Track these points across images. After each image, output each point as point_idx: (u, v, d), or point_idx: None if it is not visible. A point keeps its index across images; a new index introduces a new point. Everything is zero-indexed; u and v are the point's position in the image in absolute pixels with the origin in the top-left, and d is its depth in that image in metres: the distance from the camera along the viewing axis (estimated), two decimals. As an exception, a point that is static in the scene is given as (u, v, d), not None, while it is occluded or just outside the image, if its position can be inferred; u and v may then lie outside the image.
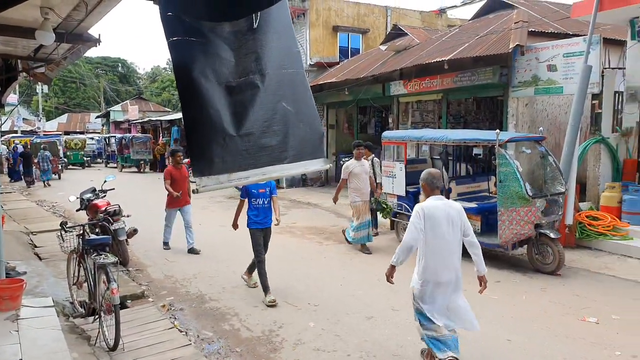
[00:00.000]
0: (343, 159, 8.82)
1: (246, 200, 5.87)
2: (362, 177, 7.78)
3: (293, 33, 3.33)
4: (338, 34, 17.94)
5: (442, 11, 18.73)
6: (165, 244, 8.14)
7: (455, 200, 7.65)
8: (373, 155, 8.85)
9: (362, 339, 4.69)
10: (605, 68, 8.86)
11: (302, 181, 16.29)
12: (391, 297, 5.65)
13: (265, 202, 5.82)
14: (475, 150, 8.68)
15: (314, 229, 9.70)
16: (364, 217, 7.82)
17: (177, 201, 7.90)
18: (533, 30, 10.37)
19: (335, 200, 8.05)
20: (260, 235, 5.83)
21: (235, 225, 6.06)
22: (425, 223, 3.66)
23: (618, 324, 4.95)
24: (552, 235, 6.49)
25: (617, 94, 8.92)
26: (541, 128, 7.92)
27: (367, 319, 5.16)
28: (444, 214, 3.69)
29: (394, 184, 8.50)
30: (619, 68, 9.11)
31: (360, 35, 18.65)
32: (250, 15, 2.98)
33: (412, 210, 3.96)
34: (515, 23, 10.60)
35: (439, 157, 8.87)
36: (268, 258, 5.94)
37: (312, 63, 17.00)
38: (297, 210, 12.15)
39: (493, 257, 7.48)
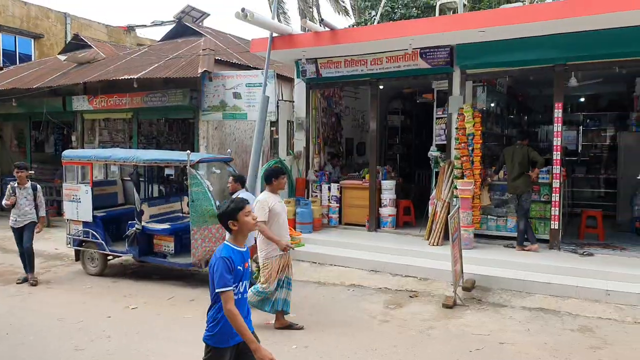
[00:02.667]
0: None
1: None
2: (283, 219, 5.41)
3: None
4: (1, 34, 15.11)
5: (130, 28, 18.12)
6: None
7: (148, 222, 7.37)
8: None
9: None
10: (280, 100, 10.23)
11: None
12: None
13: None
14: (168, 171, 8.61)
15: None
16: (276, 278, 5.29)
17: None
18: (220, 59, 11.11)
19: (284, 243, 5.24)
20: None
21: None
22: None
23: (294, 322, 5.64)
24: (242, 249, 6.95)
25: (289, 123, 10.41)
26: (229, 150, 8.50)
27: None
28: None
29: (79, 209, 7.59)
30: (290, 101, 10.67)
31: (32, 40, 16.21)
32: None
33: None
34: (203, 50, 11.14)
35: (129, 179, 8.40)
36: None
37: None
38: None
39: (187, 277, 7.51)
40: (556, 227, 7.69)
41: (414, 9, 13.83)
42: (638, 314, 5.66)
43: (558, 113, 7.64)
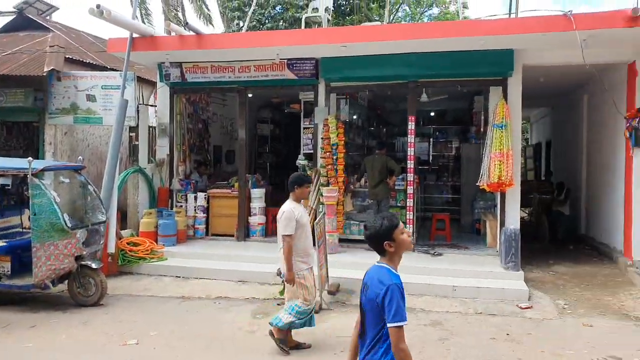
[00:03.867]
0: None
1: None
2: (308, 230, 4.98)
3: None
4: None
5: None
6: None
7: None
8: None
9: None
10: (140, 104, 9.60)
11: None
12: None
13: None
14: (3, 181, 7.50)
15: None
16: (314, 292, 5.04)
17: None
18: (71, 57, 10.09)
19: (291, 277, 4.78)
20: None
21: None
22: None
23: (155, 339, 5.27)
24: (93, 265, 6.33)
25: (151, 128, 9.82)
26: (81, 157, 7.70)
27: None
28: None
29: None
30: (152, 105, 10.09)
31: None
32: None
33: None
34: (50, 46, 10.02)
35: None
36: None
37: None
38: None
39: (28, 300, 6.62)
40: (411, 230, 8.34)
41: (282, 21, 14.09)
42: (478, 305, 6.35)
43: (411, 126, 8.32)
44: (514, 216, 7.74)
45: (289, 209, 4.77)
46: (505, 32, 7.02)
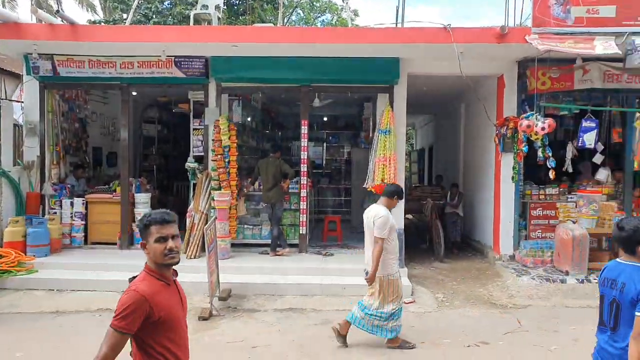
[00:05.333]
0: None
1: None
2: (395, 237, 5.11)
3: None
4: None
5: None
6: None
7: None
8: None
9: None
10: (3, 99, 8.53)
11: None
12: None
13: None
14: None
15: None
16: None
17: None
18: None
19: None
20: None
21: None
22: None
23: (20, 363, 4.69)
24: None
25: (17, 127, 8.77)
26: None
27: None
28: None
29: None
30: (18, 101, 9.02)
31: None
32: None
33: None
34: None
35: None
36: None
37: None
38: None
39: None
40: (304, 232, 8.40)
41: (170, 17, 13.47)
42: (367, 302, 6.57)
43: (304, 130, 8.39)
44: (399, 217, 8.13)
45: (387, 214, 4.94)
46: (391, 41, 7.38)
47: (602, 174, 8.49)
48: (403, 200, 8.18)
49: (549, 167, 7.43)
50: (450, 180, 11.19)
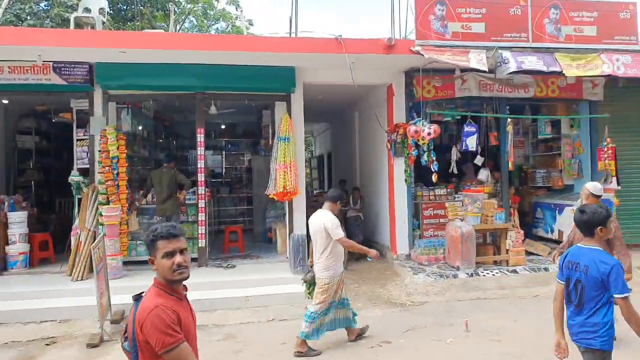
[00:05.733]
0: None
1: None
2: None
3: None
4: None
5: None
6: None
7: None
8: None
9: None
10: None
11: None
12: None
13: None
14: None
15: None
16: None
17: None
18: None
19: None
20: None
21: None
22: None
23: None
24: None
25: None
26: None
27: None
28: None
29: None
30: None
31: None
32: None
33: None
34: None
35: None
36: None
37: None
38: None
39: None
40: (203, 245, 8.11)
41: (48, 19, 12.34)
42: (270, 313, 6.50)
43: (200, 138, 8.13)
44: (301, 223, 8.20)
45: (335, 217, 5.20)
46: (285, 50, 7.43)
47: (483, 174, 9.29)
48: (304, 207, 8.34)
49: (433, 170, 7.96)
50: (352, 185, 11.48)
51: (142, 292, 2.33)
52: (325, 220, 5.12)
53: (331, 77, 8.36)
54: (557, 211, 9.02)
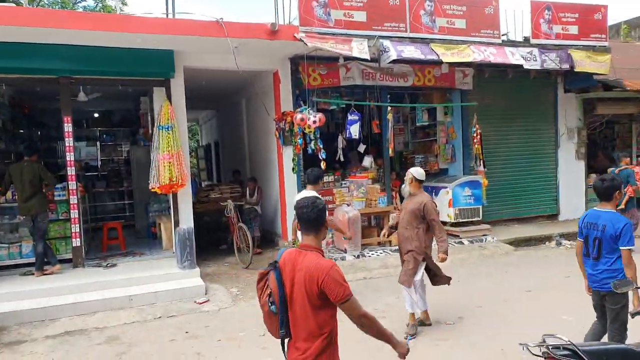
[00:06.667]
0: None
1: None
2: None
3: None
4: None
5: None
6: None
7: None
8: None
9: None
10: None
11: None
12: None
13: None
14: None
15: None
16: None
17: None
18: None
19: None
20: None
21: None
22: None
23: None
24: None
25: None
26: None
27: None
28: None
29: None
30: None
31: None
32: None
33: None
34: None
35: None
36: None
37: None
38: None
39: None
40: (78, 245, 7.38)
41: None
42: (157, 310, 6.14)
43: (68, 127, 7.33)
44: (188, 215, 7.85)
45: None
46: (160, 32, 6.94)
47: (367, 161, 9.67)
48: (191, 199, 7.98)
49: (321, 158, 8.10)
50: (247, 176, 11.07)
51: (276, 261, 2.54)
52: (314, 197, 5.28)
53: (215, 62, 8.05)
54: (434, 193, 9.72)
